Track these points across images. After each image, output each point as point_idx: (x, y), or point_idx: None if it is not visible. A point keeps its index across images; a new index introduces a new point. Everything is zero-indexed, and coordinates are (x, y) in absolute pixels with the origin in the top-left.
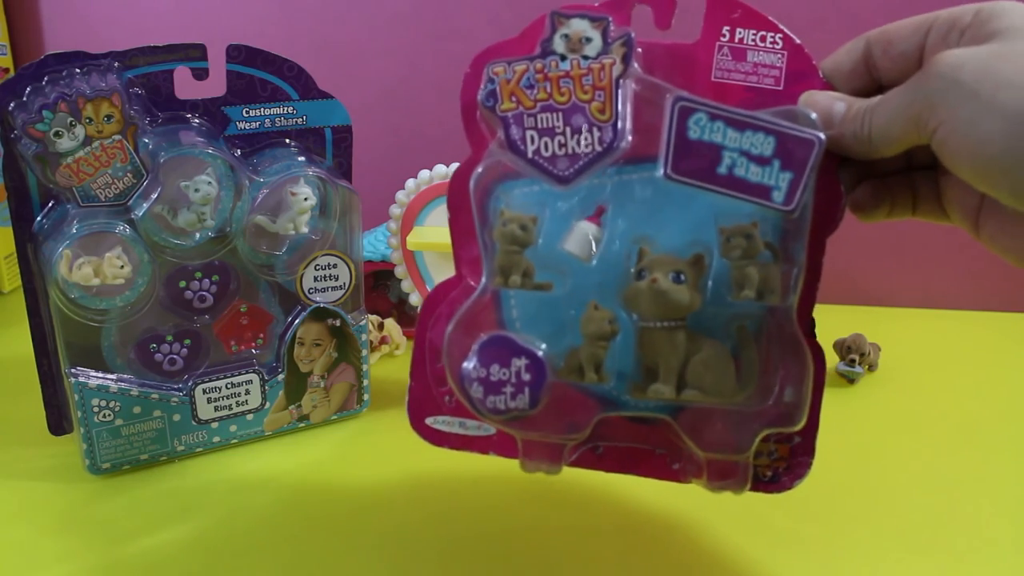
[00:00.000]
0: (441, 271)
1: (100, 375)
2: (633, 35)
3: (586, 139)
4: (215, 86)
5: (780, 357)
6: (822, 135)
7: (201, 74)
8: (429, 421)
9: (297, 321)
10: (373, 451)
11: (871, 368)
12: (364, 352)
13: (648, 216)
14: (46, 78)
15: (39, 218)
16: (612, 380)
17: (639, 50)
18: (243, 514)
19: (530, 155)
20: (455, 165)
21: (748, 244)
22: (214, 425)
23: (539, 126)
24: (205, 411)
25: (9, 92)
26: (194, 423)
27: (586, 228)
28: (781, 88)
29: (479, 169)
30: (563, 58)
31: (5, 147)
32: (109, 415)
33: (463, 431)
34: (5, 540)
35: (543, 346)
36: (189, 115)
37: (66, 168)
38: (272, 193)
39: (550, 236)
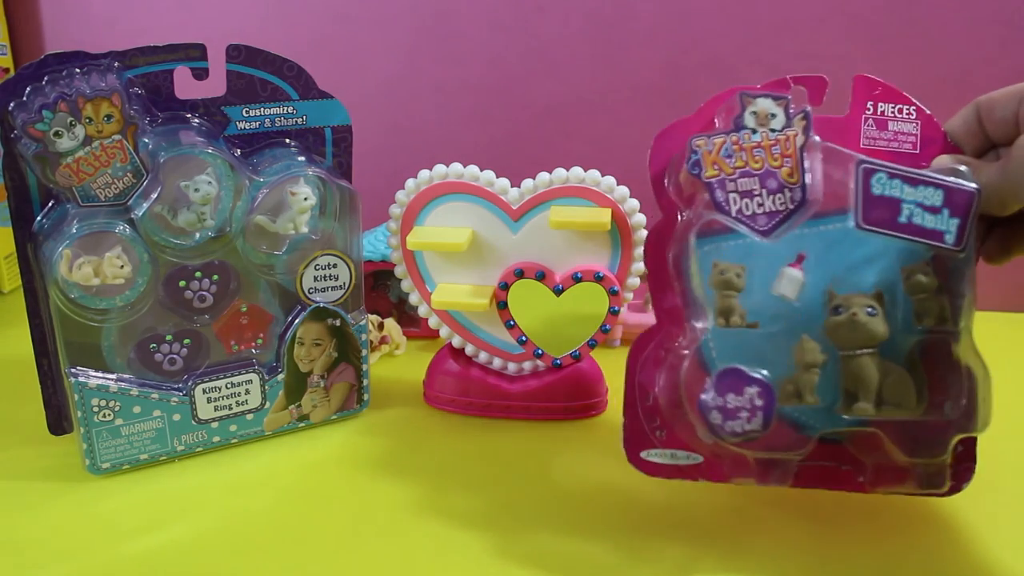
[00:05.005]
0: (441, 271)
1: (100, 375)
2: (810, 111)
3: (780, 199)
4: (215, 86)
5: (964, 374)
6: (978, 186)
7: (201, 74)
8: (644, 455)
9: (297, 321)
10: (373, 451)
11: None
12: (364, 352)
13: (837, 261)
14: (46, 78)
15: (39, 218)
16: (823, 403)
17: None
18: (243, 514)
19: (734, 214)
20: (455, 165)
21: (926, 280)
22: (214, 425)
23: (739, 189)
24: (205, 411)
25: (9, 92)
26: (194, 423)
27: (794, 273)
28: (918, 152)
29: (691, 232)
30: (754, 131)
31: (5, 147)
32: (109, 415)
33: (674, 462)
34: (5, 540)
35: (765, 373)
36: (189, 115)
37: (66, 168)
38: (272, 193)
39: (755, 282)
